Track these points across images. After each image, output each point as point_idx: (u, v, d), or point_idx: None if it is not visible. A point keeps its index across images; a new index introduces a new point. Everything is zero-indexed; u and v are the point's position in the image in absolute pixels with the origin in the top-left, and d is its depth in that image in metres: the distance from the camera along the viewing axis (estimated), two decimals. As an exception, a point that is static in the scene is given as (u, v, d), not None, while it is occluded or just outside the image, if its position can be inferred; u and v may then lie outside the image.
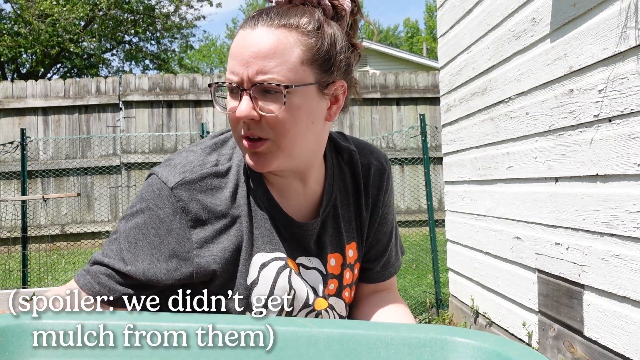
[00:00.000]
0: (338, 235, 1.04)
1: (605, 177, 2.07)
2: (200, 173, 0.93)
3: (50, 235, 7.97)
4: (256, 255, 0.95)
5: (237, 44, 0.90)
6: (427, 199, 4.64)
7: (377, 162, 1.09)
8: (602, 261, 2.09)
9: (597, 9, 2.07)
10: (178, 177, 0.92)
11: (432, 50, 23.77)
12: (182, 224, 0.91)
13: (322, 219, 1.02)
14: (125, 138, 8.17)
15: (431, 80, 8.58)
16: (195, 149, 0.99)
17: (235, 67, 0.88)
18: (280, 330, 0.59)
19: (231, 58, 0.90)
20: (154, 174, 0.95)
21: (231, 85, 0.89)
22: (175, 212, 0.91)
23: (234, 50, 0.90)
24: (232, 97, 0.91)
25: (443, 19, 3.95)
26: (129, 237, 0.92)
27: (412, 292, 4.87)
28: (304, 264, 1.00)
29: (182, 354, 0.58)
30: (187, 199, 0.91)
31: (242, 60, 0.88)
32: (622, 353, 2.01)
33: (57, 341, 0.59)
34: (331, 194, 1.04)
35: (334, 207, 1.04)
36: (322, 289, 1.00)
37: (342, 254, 1.04)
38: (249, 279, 0.94)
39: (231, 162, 0.97)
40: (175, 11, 17.55)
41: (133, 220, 0.93)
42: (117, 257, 0.91)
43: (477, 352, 0.56)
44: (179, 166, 0.94)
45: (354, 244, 1.06)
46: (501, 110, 2.97)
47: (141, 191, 0.96)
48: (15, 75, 16.50)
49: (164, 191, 0.92)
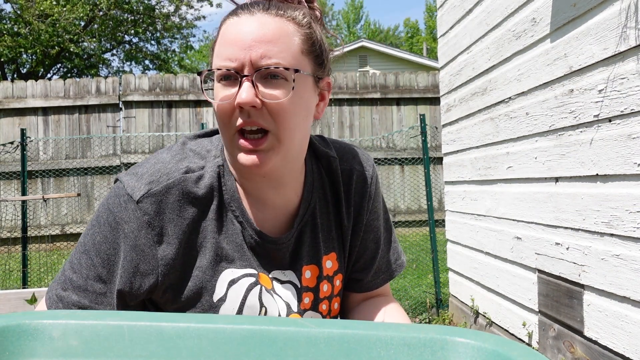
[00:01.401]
0: (315, 246, 0.98)
1: (605, 177, 2.07)
2: (166, 184, 0.87)
3: (50, 235, 7.97)
4: (225, 271, 0.90)
5: (234, 29, 0.84)
6: (427, 199, 4.64)
7: (360, 167, 1.02)
8: (602, 261, 2.09)
9: (597, 9, 2.07)
10: (143, 188, 0.87)
11: (432, 50, 23.78)
12: (148, 239, 0.86)
13: (299, 229, 0.97)
14: (125, 138, 8.17)
15: (431, 80, 8.58)
16: (164, 155, 0.92)
17: (233, 52, 0.82)
18: (280, 330, 0.59)
19: (225, 44, 0.84)
20: (120, 182, 0.90)
21: (229, 71, 0.83)
22: (140, 227, 0.86)
23: (230, 37, 0.84)
24: (225, 85, 0.84)
25: (443, 19, 3.95)
26: (100, 252, 0.87)
27: (412, 292, 4.87)
28: (278, 277, 0.95)
29: (182, 353, 0.58)
30: (153, 213, 0.86)
31: (243, 44, 0.82)
32: (622, 353, 2.00)
33: (57, 341, 0.59)
34: (309, 203, 0.98)
35: (312, 217, 0.98)
36: (297, 304, 0.95)
37: (319, 266, 0.98)
38: (216, 296, 0.89)
39: (203, 170, 0.91)
40: (175, 11, 17.56)
41: (101, 233, 0.88)
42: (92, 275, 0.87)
43: (477, 352, 0.56)
44: (146, 175, 0.88)
45: (333, 254, 1.00)
46: (501, 110, 2.97)
47: (107, 199, 0.90)
48: (16, 76, 16.50)
49: (130, 204, 0.86)
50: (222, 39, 0.86)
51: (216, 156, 0.93)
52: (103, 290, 0.87)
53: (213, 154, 0.93)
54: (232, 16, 0.87)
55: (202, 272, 0.89)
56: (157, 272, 0.87)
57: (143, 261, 0.86)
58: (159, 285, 0.87)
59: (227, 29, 0.86)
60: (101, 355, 0.59)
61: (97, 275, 0.87)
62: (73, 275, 0.88)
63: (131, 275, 0.86)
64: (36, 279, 5.72)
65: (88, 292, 0.87)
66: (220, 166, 0.92)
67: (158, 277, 0.87)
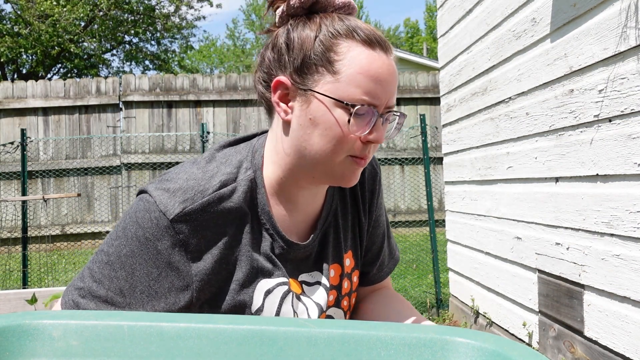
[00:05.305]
0: (337, 246, 1.03)
1: (605, 177, 2.07)
2: (201, 202, 0.87)
3: (50, 235, 7.97)
4: (260, 282, 0.92)
5: (380, 68, 0.88)
6: (427, 199, 4.64)
7: (369, 167, 1.09)
8: (603, 261, 2.09)
9: (597, 9, 2.07)
10: (178, 207, 0.86)
11: (432, 50, 23.78)
12: (182, 257, 0.87)
13: (323, 231, 1.01)
14: (125, 138, 8.17)
15: (431, 80, 8.58)
16: (195, 170, 0.92)
17: (379, 91, 0.88)
18: (280, 330, 0.59)
19: (373, 80, 0.87)
20: (150, 197, 0.88)
21: (371, 107, 0.88)
22: (174, 245, 0.86)
23: (377, 74, 0.88)
24: (359, 116, 0.88)
25: (443, 19, 3.95)
26: (125, 265, 0.87)
27: (412, 292, 4.87)
28: (306, 280, 0.99)
29: (182, 353, 0.58)
30: (188, 232, 0.86)
31: (387, 86, 0.89)
32: (622, 353, 2.00)
33: (58, 341, 0.59)
34: (331, 205, 1.03)
35: (335, 217, 1.03)
36: (326, 303, 1.00)
37: (341, 264, 1.03)
38: (254, 307, 0.92)
39: (236, 182, 0.92)
40: (175, 12, 17.57)
41: (128, 246, 0.87)
42: (114, 287, 0.87)
43: (477, 352, 0.56)
44: (179, 193, 0.87)
45: (350, 252, 1.06)
46: (501, 110, 2.97)
47: (136, 212, 0.88)
48: (16, 76, 16.51)
49: (162, 222, 0.86)
50: (369, 71, 0.88)
51: (247, 168, 0.94)
52: (122, 304, 0.87)
53: (245, 166, 0.95)
54: (368, 47, 0.89)
55: (239, 286, 0.91)
56: (192, 288, 0.87)
57: (177, 278, 0.87)
58: (194, 301, 0.88)
59: (374, 63, 0.88)
60: (101, 355, 0.59)
61: (119, 288, 0.87)
62: (93, 284, 0.88)
63: (166, 291, 0.87)
64: (36, 279, 5.73)
65: (108, 304, 0.87)
66: (252, 180, 0.94)
67: (193, 292, 0.87)
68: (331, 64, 0.88)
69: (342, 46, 0.88)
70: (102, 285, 0.87)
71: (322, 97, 0.88)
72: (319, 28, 0.90)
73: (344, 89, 0.87)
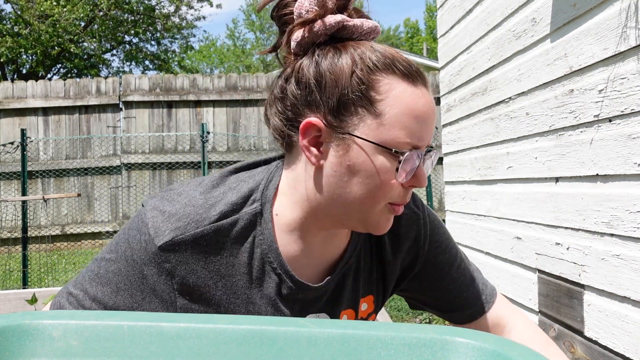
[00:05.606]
0: (355, 290, 0.94)
1: (605, 177, 2.07)
2: (194, 233, 0.80)
3: (50, 235, 7.97)
4: None
5: (424, 106, 0.80)
6: (428, 199, 4.64)
7: (407, 211, 0.96)
8: (603, 261, 2.09)
9: (597, 9, 2.07)
10: (168, 235, 0.79)
11: (432, 50, 23.78)
12: (168, 286, 0.81)
13: (342, 273, 0.92)
14: (125, 138, 8.17)
15: (431, 80, 8.58)
16: (197, 195, 0.84)
17: (423, 132, 0.80)
18: (280, 330, 0.59)
19: (418, 121, 0.79)
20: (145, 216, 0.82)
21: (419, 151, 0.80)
22: (160, 273, 0.80)
23: (422, 112, 0.79)
24: (405, 164, 0.79)
25: (443, 19, 3.95)
26: (110, 282, 0.82)
27: (412, 292, 4.86)
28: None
29: (182, 353, 0.58)
30: (175, 262, 0.80)
31: (430, 125, 0.81)
32: (622, 353, 2.00)
33: (58, 341, 0.59)
34: (355, 247, 0.93)
35: (357, 260, 0.93)
36: None
37: (355, 309, 0.94)
38: None
39: (238, 215, 0.83)
40: (175, 12, 17.58)
41: (116, 263, 0.83)
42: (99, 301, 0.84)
43: (477, 352, 0.56)
44: (174, 219, 0.80)
45: (370, 297, 0.96)
46: (501, 110, 2.97)
47: (129, 229, 0.83)
48: (16, 76, 16.51)
49: (151, 247, 0.80)
50: (411, 111, 0.79)
51: (255, 200, 0.85)
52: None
53: (254, 197, 0.85)
54: (410, 83, 0.80)
55: None
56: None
57: (161, 306, 0.82)
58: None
59: (416, 103, 0.79)
60: (101, 355, 0.59)
61: (103, 303, 0.84)
62: (80, 293, 0.85)
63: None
64: (36, 279, 5.73)
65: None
66: (258, 213, 0.84)
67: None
68: (372, 105, 0.78)
69: (382, 83, 0.78)
70: (87, 296, 0.84)
71: (364, 142, 0.78)
72: (353, 61, 0.79)
73: (387, 133, 0.77)
